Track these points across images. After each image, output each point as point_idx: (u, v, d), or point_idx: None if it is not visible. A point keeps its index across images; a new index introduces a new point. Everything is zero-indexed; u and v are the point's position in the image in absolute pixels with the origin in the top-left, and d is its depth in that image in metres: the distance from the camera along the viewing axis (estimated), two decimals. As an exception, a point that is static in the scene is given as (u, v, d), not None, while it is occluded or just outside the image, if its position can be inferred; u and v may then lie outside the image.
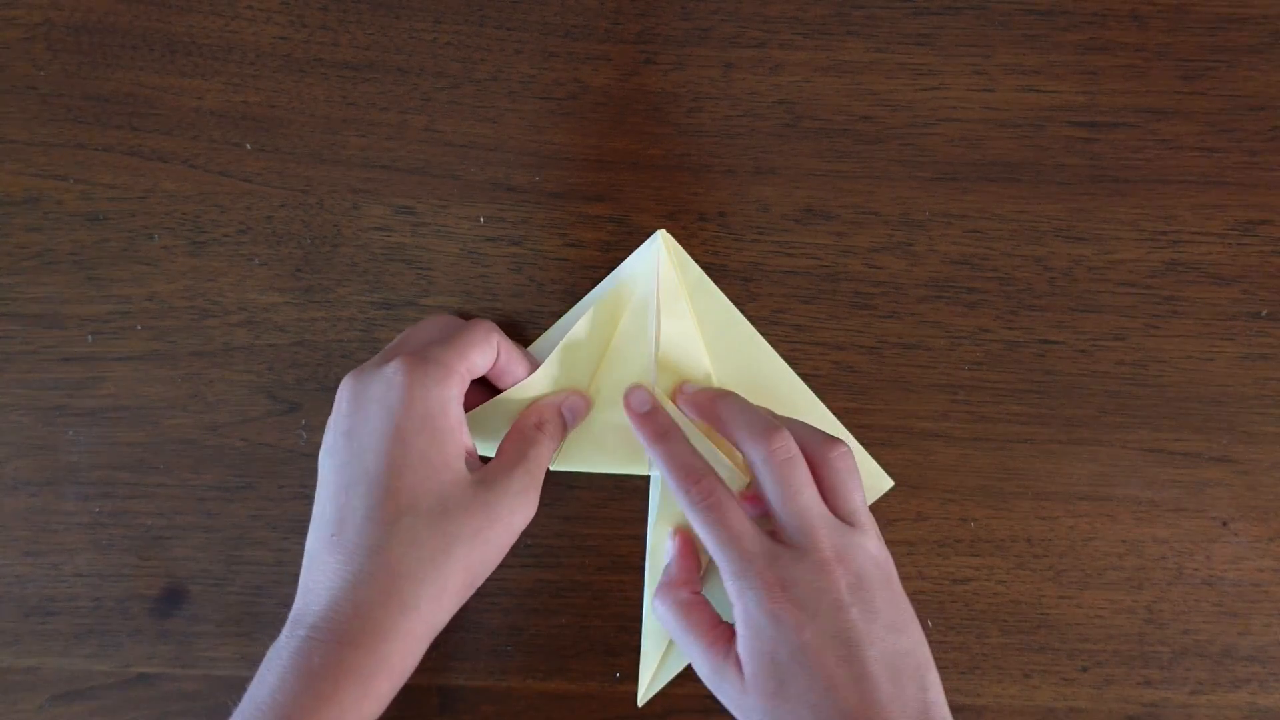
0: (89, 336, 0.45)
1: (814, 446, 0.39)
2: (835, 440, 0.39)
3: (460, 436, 0.38)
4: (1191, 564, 0.44)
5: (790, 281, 0.45)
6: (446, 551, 0.35)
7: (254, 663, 0.44)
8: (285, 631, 0.36)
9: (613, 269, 0.44)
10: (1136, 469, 0.45)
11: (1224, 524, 0.45)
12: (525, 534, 0.43)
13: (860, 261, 0.45)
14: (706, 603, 0.40)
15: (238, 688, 0.44)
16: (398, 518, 0.35)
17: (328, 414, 0.45)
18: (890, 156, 0.45)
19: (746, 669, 0.36)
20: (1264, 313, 0.45)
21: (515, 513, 0.38)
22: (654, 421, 0.41)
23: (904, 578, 0.44)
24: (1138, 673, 0.44)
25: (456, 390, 0.38)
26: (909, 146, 0.45)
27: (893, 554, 0.45)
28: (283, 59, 0.46)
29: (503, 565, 0.43)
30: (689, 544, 0.42)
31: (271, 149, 0.46)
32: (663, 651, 0.43)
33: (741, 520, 0.38)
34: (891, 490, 0.44)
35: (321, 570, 0.35)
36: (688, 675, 0.44)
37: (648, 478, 0.44)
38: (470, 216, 0.46)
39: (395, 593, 0.34)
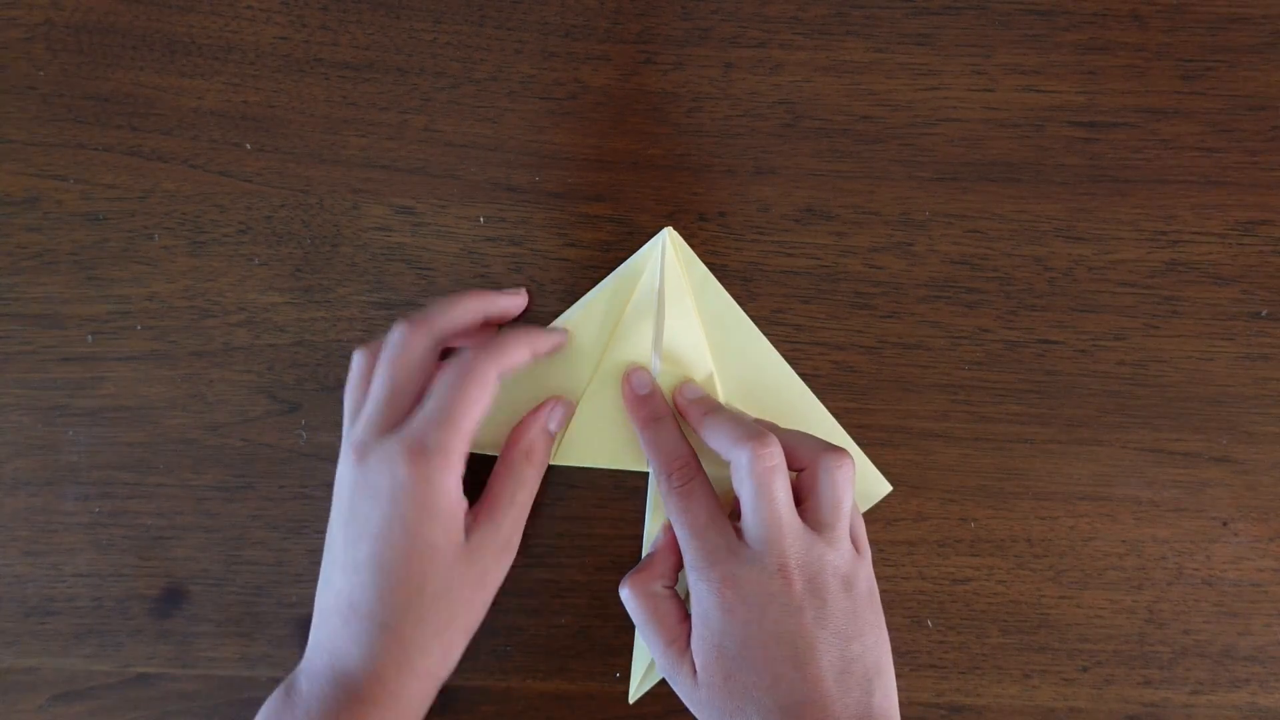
0: (89, 336, 0.45)
1: (814, 453, 0.39)
2: (839, 451, 0.39)
3: (460, 512, 0.39)
4: (1191, 564, 0.44)
5: (790, 281, 0.45)
6: (449, 623, 0.38)
7: (254, 663, 0.44)
8: (304, 683, 0.38)
9: (613, 269, 0.44)
10: (1136, 469, 0.45)
11: (1224, 524, 0.45)
12: (525, 534, 0.43)
13: (860, 261, 0.45)
14: (677, 598, 0.40)
15: (238, 688, 0.44)
16: (408, 601, 0.37)
17: (328, 414, 0.45)
18: (890, 156, 0.45)
19: (697, 660, 0.38)
20: (1264, 313, 0.45)
21: (502, 567, 0.40)
22: (649, 405, 0.42)
23: (904, 578, 0.45)
24: (1138, 673, 0.44)
25: (458, 472, 0.38)
26: (909, 146, 0.45)
27: (893, 554, 0.45)
28: (283, 59, 0.46)
29: (503, 565, 0.43)
30: (676, 540, 0.42)
31: (271, 149, 0.46)
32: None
33: (712, 513, 0.39)
34: (891, 490, 0.44)
35: (339, 637, 0.38)
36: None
37: (647, 475, 0.44)
38: (470, 216, 0.46)
39: (407, 663, 0.37)
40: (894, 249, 0.45)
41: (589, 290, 0.44)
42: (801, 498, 0.39)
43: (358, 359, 0.41)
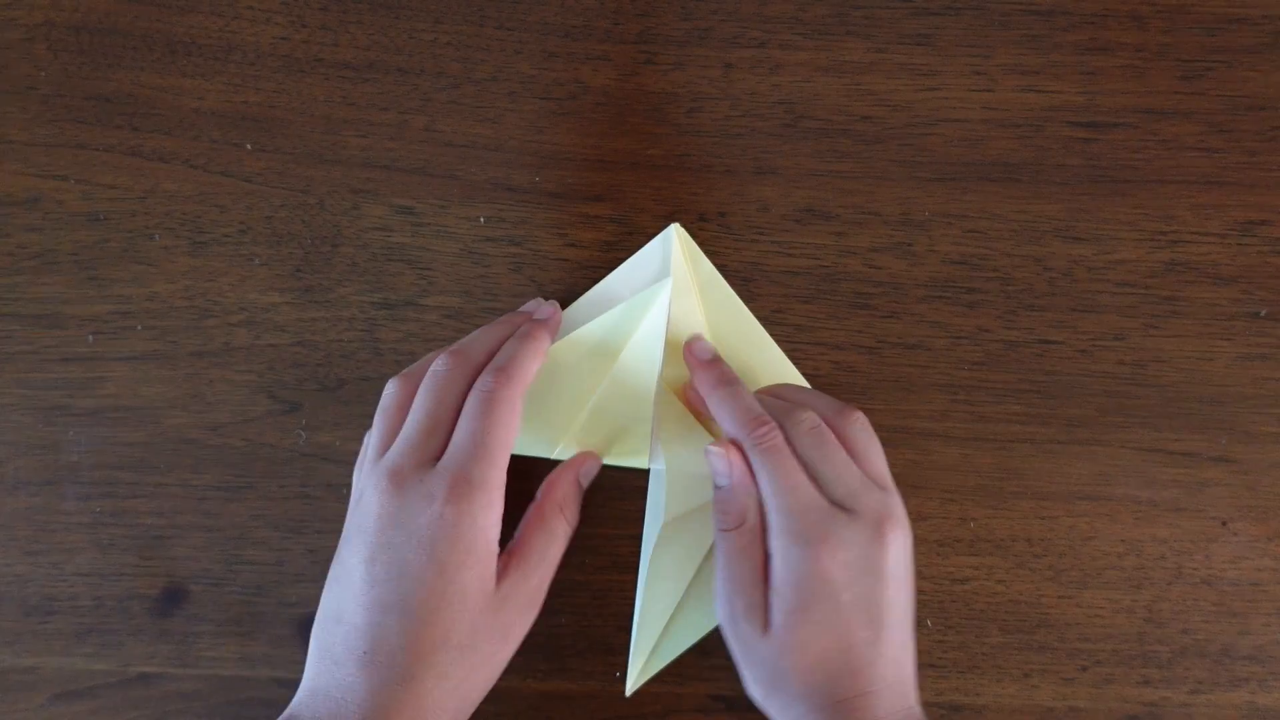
0: (89, 336, 0.45)
1: (831, 417, 0.40)
2: (851, 408, 0.40)
3: (494, 557, 0.37)
4: (1191, 564, 0.45)
5: (790, 281, 0.45)
6: (469, 677, 0.37)
7: (254, 662, 0.45)
8: None
9: (612, 269, 0.44)
10: (1136, 469, 0.45)
11: (1223, 524, 0.45)
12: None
13: (860, 261, 0.45)
14: (764, 543, 0.39)
15: (238, 687, 0.45)
16: (432, 652, 0.35)
17: (328, 414, 0.45)
18: (890, 156, 0.45)
19: (775, 618, 0.37)
20: (1263, 313, 0.45)
21: (526, 622, 0.39)
22: (716, 369, 0.42)
23: (904, 577, 0.45)
24: (1137, 672, 0.44)
25: (499, 510, 0.37)
26: (909, 146, 0.45)
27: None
28: (283, 59, 0.46)
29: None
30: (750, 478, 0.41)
31: (272, 149, 0.46)
32: (654, 642, 0.43)
33: (800, 472, 0.38)
34: (891, 490, 0.45)
35: (352, 686, 0.35)
36: (689, 674, 0.44)
37: (648, 474, 0.44)
38: (470, 216, 0.46)
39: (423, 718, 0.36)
40: (894, 249, 0.45)
41: (589, 290, 0.45)
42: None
43: (392, 386, 0.40)
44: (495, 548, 0.37)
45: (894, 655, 0.37)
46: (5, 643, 0.45)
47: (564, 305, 0.45)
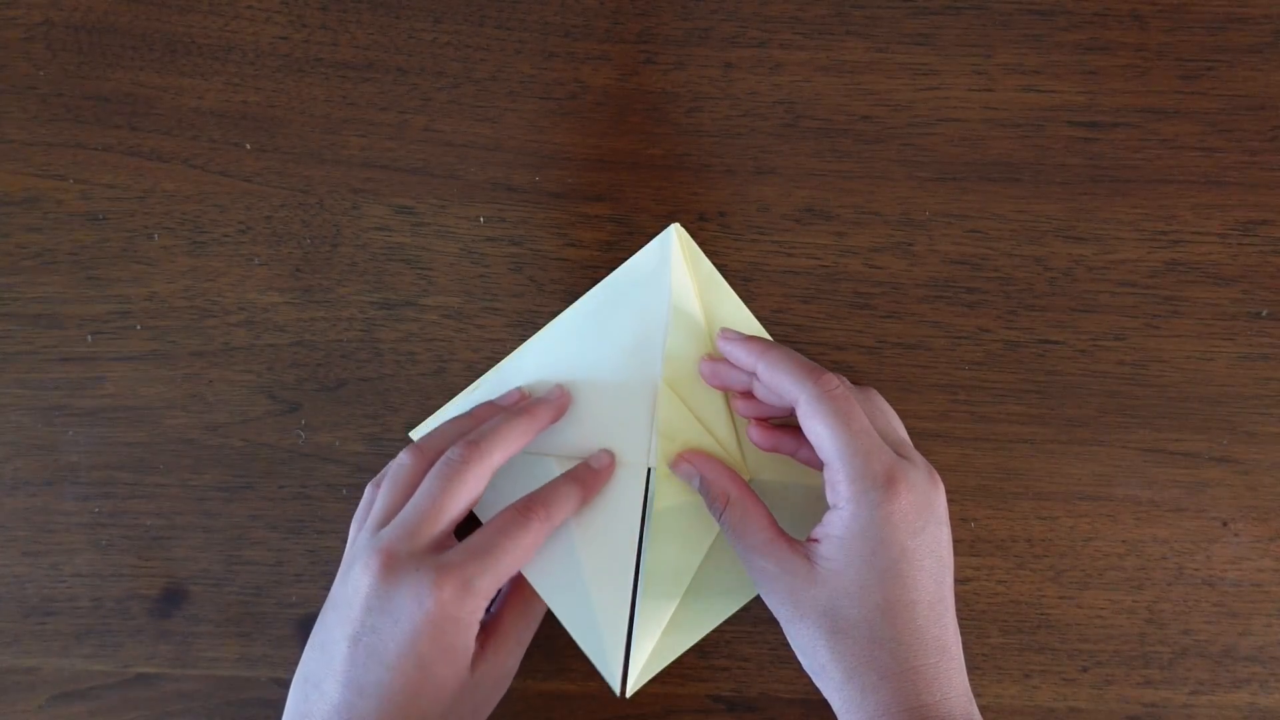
0: (89, 336, 0.45)
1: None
2: (865, 386, 0.42)
3: (472, 645, 0.37)
4: (1192, 564, 0.44)
5: (790, 281, 0.45)
6: None
7: (254, 663, 0.44)
8: None
9: (613, 269, 0.44)
10: (1136, 469, 0.45)
11: (1224, 524, 0.45)
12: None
13: (860, 261, 0.45)
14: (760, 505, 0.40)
15: (237, 688, 0.45)
16: None
17: (327, 414, 0.45)
18: (890, 156, 0.45)
19: (830, 564, 0.36)
20: (1264, 313, 0.45)
21: (497, 698, 0.40)
22: (757, 339, 0.41)
23: (904, 578, 0.44)
24: (1138, 673, 0.44)
25: (482, 609, 0.37)
26: (909, 146, 0.45)
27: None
28: (282, 59, 0.46)
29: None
30: (717, 461, 0.42)
31: (271, 149, 0.46)
32: (654, 642, 0.43)
33: (865, 417, 0.38)
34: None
35: None
36: (689, 674, 0.44)
37: (648, 472, 0.44)
38: (470, 216, 0.46)
39: None
40: (894, 249, 0.45)
41: (589, 290, 0.44)
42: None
43: (405, 458, 0.40)
44: (473, 636, 0.37)
45: (952, 620, 0.37)
46: (5, 643, 0.45)
47: (564, 305, 0.45)
